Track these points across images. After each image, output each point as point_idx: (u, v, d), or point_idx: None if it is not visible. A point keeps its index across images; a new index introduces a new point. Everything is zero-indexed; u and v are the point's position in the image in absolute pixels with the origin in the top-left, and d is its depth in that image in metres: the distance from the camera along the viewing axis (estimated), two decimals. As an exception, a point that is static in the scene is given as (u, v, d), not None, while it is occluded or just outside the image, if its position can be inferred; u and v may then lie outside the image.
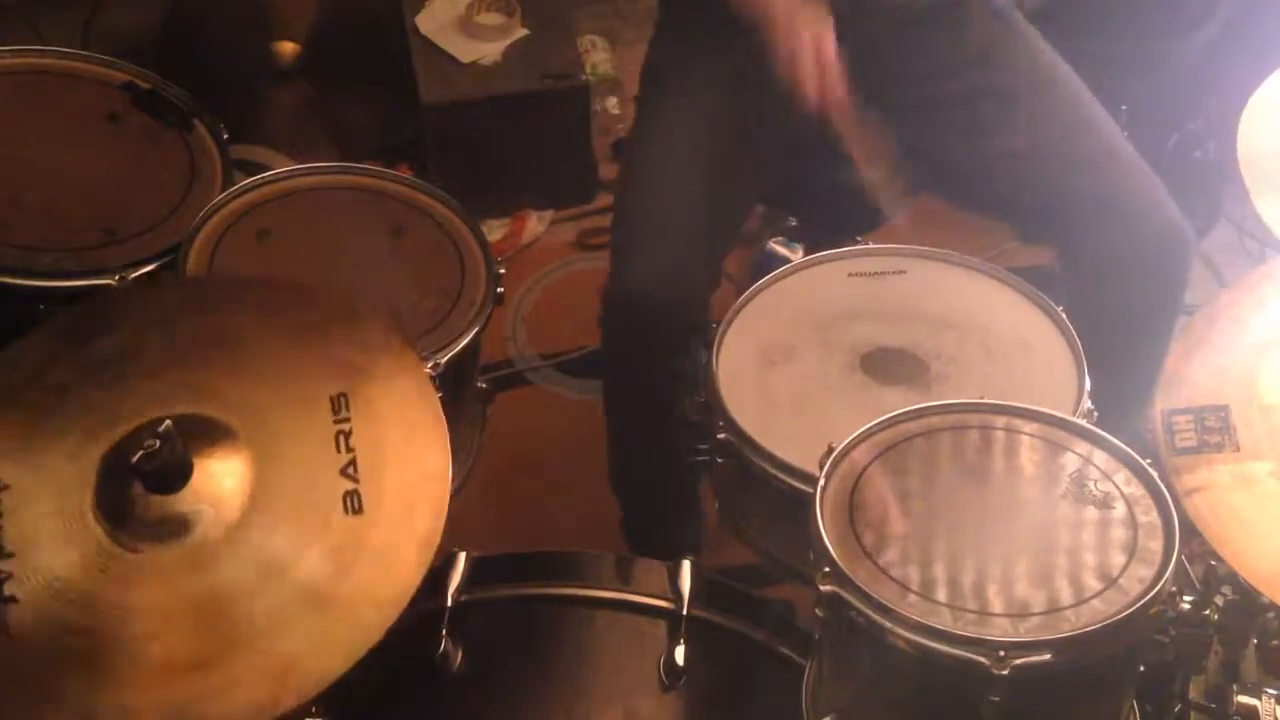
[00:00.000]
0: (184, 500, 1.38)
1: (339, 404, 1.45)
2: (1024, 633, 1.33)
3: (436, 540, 1.38)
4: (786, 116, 1.83)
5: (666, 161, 2.00)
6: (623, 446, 2.15)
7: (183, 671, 1.31)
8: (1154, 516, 1.41)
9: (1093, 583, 1.36)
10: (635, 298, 1.91)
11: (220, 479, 1.40)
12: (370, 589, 1.35)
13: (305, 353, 1.50)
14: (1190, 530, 1.41)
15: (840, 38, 1.93)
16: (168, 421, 1.36)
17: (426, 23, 3.00)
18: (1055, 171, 1.96)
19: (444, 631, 1.58)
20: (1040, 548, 1.40)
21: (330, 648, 1.32)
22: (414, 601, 1.35)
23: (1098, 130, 2.00)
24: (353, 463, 1.41)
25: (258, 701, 1.30)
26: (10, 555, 1.37)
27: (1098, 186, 1.95)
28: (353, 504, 1.39)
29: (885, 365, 1.75)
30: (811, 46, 1.79)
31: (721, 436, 1.69)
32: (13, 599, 1.35)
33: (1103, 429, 1.52)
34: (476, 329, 1.76)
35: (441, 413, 1.46)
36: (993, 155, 1.99)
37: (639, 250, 1.95)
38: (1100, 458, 1.47)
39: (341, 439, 1.43)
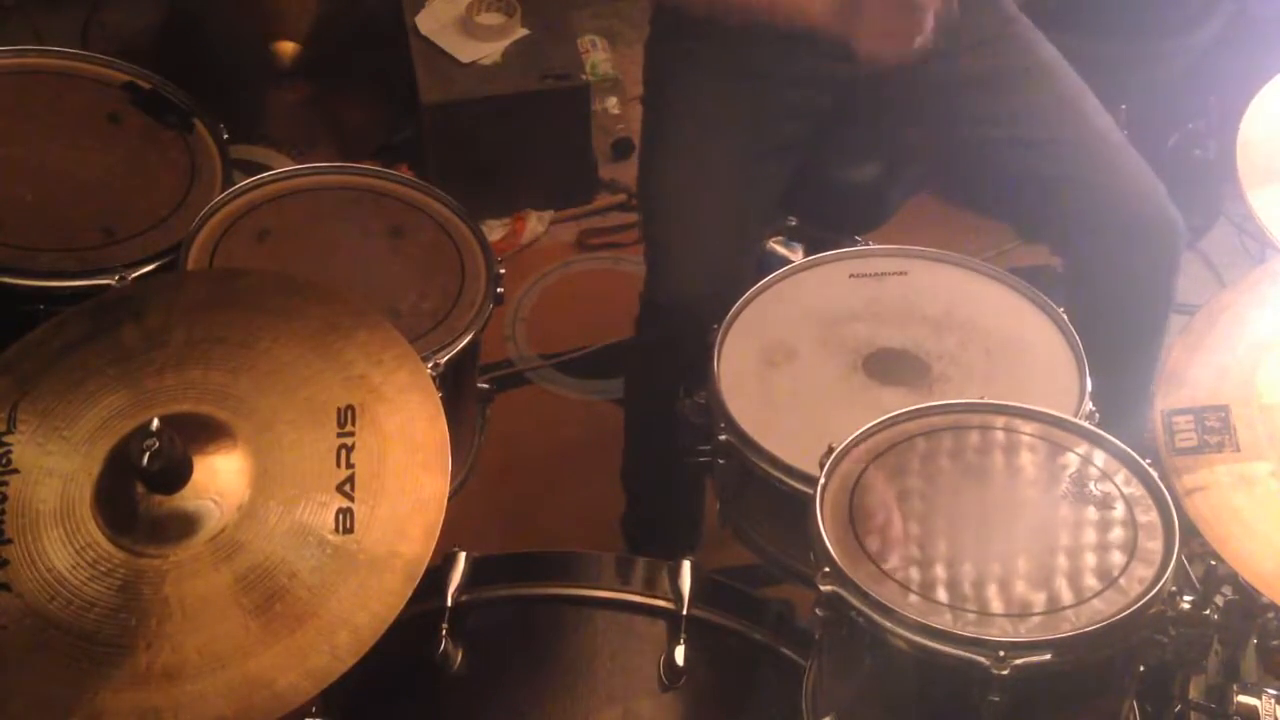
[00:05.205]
0: (183, 499, 1.37)
1: (346, 416, 1.42)
2: (1024, 633, 1.33)
3: (423, 568, 1.34)
4: (794, 108, 1.82)
5: (689, 164, 2.01)
6: (641, 444, 2.16)
7: (155, 679, 1.29)
8: (1154, 516, 1.41)
9: (1093, 583, 1.36)
10: (677, 303, 1.92)
11: (218, 481, 1.38)
12: (349, 613, 1.31)
13: (322, 359, 1.47)
14: (1190, 530, 1.40)
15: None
16: (155, 420, 1.33)
17: (426, 23, 3.00)
18: (1046, 161, 1.97)
19: (444, 631, 1.58)
20: (1040, 548, 1.40)
21: (300, 671, 1.29)
22: (414, 601, 1.34)
23: (1089, 121, 2.01)
24: (350, 479, 1.38)
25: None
26: (9, 542, 1.36)
27: (1088, 175, 1.96)
28: (344, 523, 1.36)
29: (886, 366, 1.75)
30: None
31: (723, 438, 1.69)
32: (6, 587, 1.33)
33: (1102, 426, 1.52)
34: (476, 329, 1.76)
35: (447, 439, 1.43)
36: (986, 145, 2.00)
37: (677, 256, 1.96)
38: (1100, 458, 1.47)
39: (343, 453, 1.40)
